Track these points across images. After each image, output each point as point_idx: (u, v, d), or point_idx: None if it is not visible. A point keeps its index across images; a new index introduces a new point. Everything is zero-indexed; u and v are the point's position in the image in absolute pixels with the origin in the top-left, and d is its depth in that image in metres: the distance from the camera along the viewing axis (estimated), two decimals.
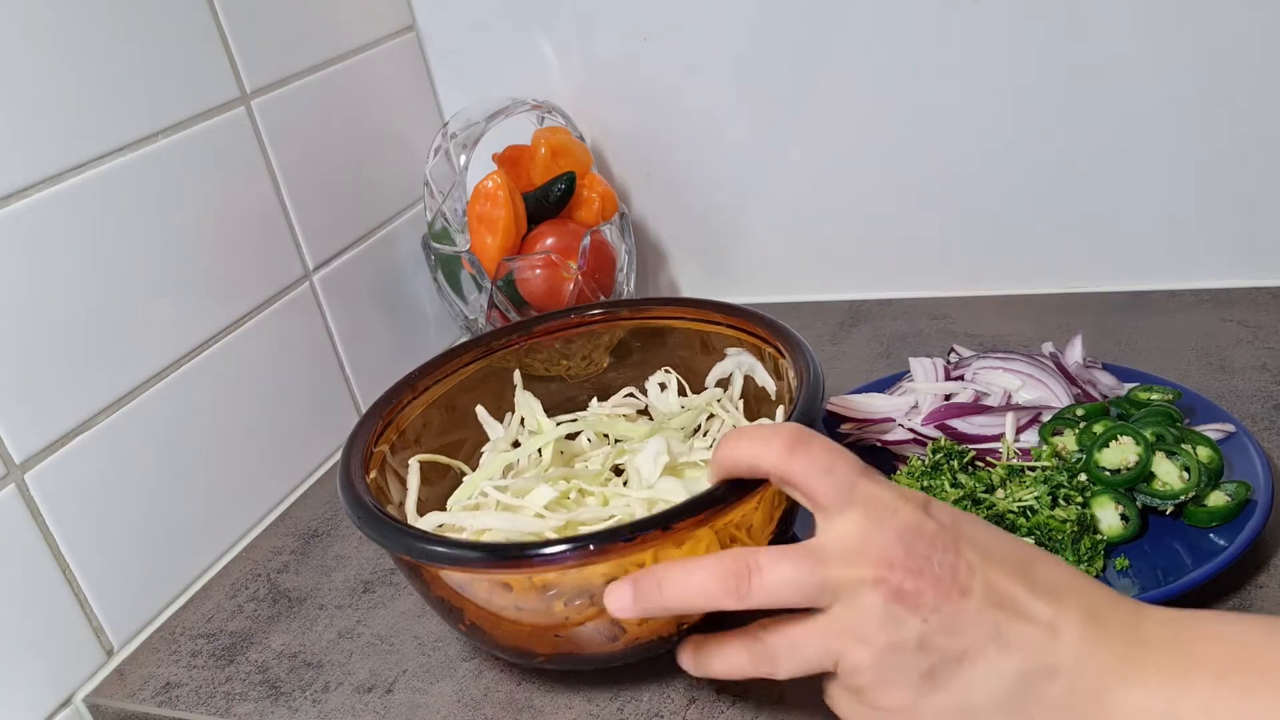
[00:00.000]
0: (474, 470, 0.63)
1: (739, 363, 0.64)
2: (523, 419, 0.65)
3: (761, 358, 0.62)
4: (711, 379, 0.66)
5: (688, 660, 0.47)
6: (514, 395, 0.67)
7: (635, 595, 0.43)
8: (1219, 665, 0.37)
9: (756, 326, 0.61)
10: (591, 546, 0.44)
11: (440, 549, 0.47)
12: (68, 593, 0.61)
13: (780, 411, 0.60)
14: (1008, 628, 0.38)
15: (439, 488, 0.62)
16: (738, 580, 0.41)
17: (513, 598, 0.48)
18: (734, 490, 0.45)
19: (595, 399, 0.69)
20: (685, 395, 0.66)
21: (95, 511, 0.62)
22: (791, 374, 0.57)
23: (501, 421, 0.66)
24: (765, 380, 0.62)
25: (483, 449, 0.65)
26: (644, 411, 0.68)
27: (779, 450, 0.41)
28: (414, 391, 0.62)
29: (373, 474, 0.55)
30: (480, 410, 0.65)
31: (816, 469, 0.41)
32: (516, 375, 0.66)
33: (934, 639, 0.39)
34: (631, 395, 0.68)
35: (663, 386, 0.67)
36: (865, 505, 0.40)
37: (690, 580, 0.42)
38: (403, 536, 0.48)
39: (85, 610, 0.62)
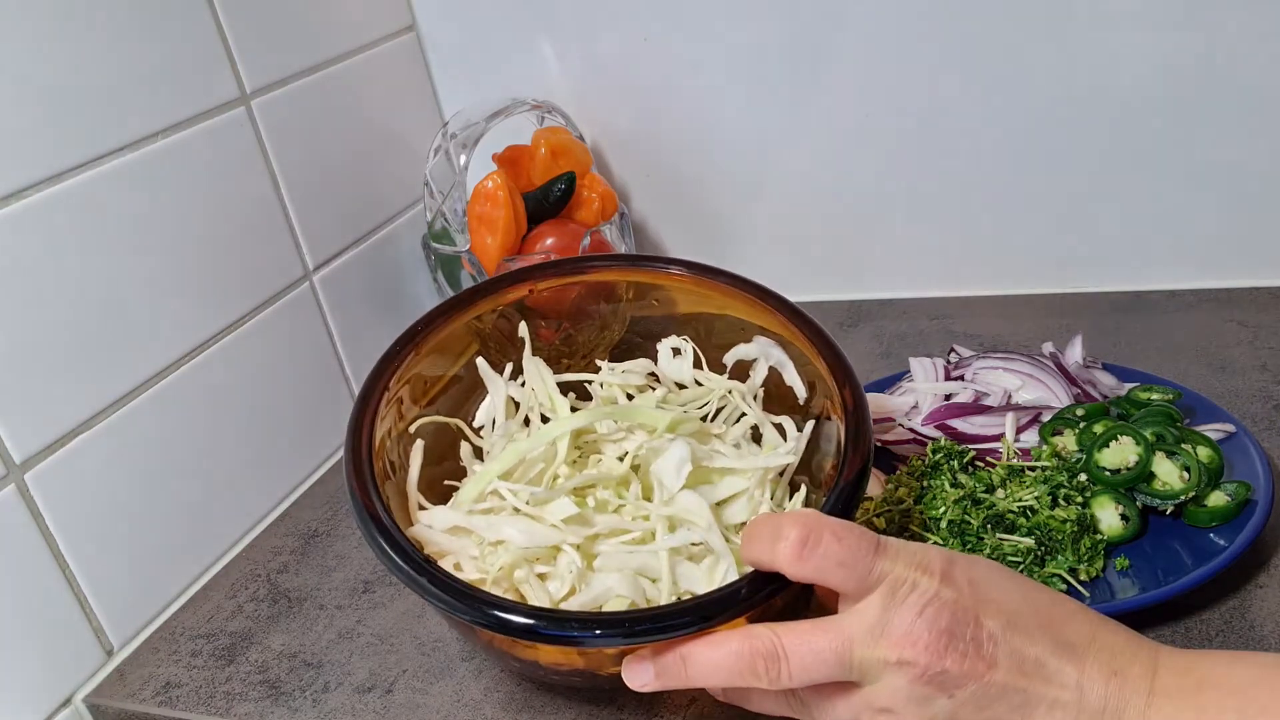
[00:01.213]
0: (469, 425, 0.60)
1: (766, 352, 0.60)
2: (532, 390, 0.61)
3: (795, 359, 0.58)
4: (731, 358, 0.61)
5: (718, 690, 0.47)
6: (514, 356, 0.62)
7: (658, 673, 0.43)
8: (1229, 717, 0.38)
9: (808, 335, 0.56)
10: (620, 636, 0.43)
11: (466, 608, 0.45)
12: (68, 593, 0.61)
13: (810, 427, 0.56)
14: (1034, 695, 0.39)
15: (430, 435, 0.58)
16: (767, 665, 0.41)
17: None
18: (770, 583, 0.44)
19: (606, 359, 0.64)
20: (700, 368, 0.62)
21: (95, 511, 0.62)
22: (834, 399, 0.53)
23: (500, 373, 0.61)
24: (795, 382, 0.59)
25: (479, 407, 0.61)
26: (654, 374, 0.63)
27: (788, 556, 0.42)
28: (418, 350, 0.59)
29: (380, 431, 0.53)
30: (480, 362, 0.61)
31: (829, 565, 0.41)
32: (523, 328, 0.61)
33: (962, 713, 0.40)
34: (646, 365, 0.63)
35: (676, 351, 0.62)
36: (884, 586, 0.41)
37: (717, 660, 0.42)
38: (427, 582, 0.46)
39: (85, 610, 0.62)
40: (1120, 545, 0.54)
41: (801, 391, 0.59)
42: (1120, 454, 0.55)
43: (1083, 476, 0.56)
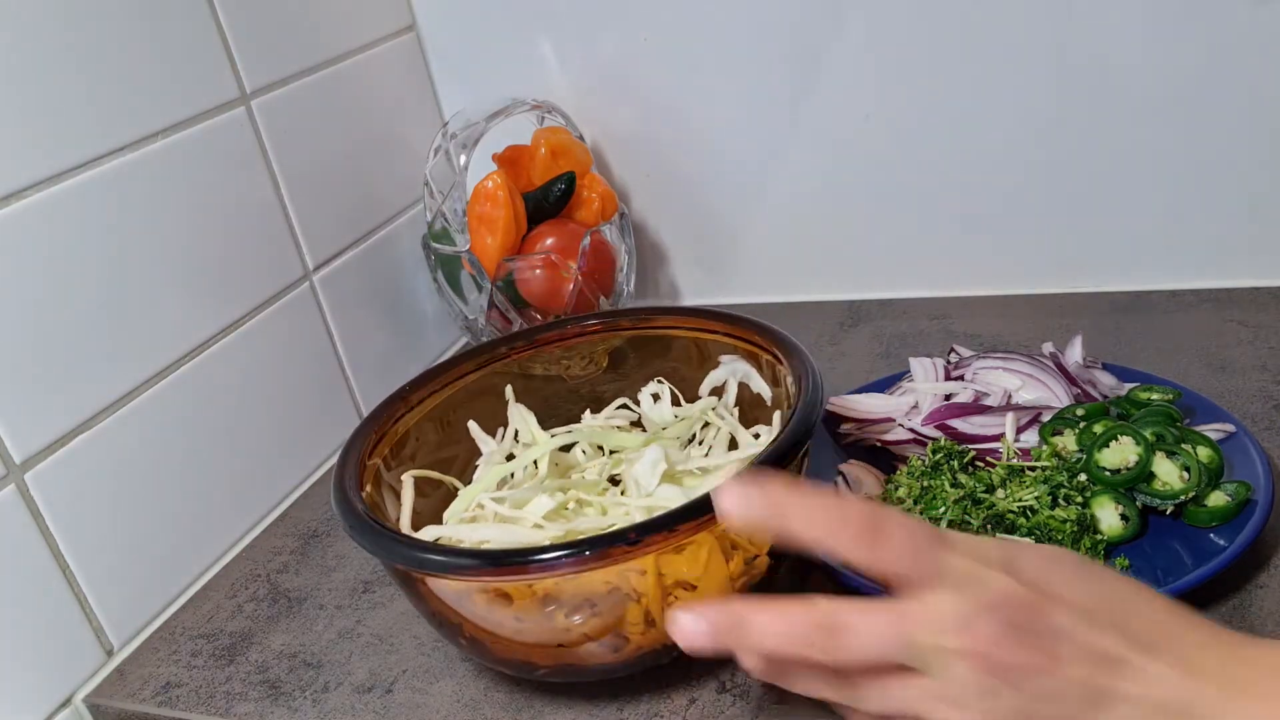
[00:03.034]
0: (467, 485, 0.63)
1: (733, 370, 0.64)
2: (516, 432, 0.65)
3: (758, 365, 0.62)
4: (705, 387, 0.65)
5: (758, 665, 0.46)
6: (507, 408, 0.66)
7: (712, 632, 0.42)
8: None
9: (753, 334, 0.61)
10: (589, 552, 0.44)
11: (436, 557, 0.46)
12: (68, 593, 0.61)
13: (778, 417, 0.59)
14: (1107, 689, 0.39)
15: (433, 500, 0.61)
16: (828, 635, 0.40)
17: (513, 611, 0.48)
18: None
19: (588, 410, 0.68)
20: (679, 405, 0.66)
21: (95, 511, 0.62)
22: (790, 380, 0.56)
23: (494, 435, 0.65)
24: (761, 387, 0.62)
25: (476, 463, 0.64)
26: (637, 423, 0.67)
27: (855, 544, 0.40)
28: (407, 404, 0.61)
29: (367, 488, 0.55)
30: (472, 425, 0.64)
31: (894, 557, 0.40)
32: (509, 390, 0.65)
33: (1032, 708, 0.39)
34: (625, 407, 0.67)
35: (655, 397, 0.66)
36: (952, 582, 0.40)
37: (775, 627, 0.41)
38: (398, 545, 0.48)
39: (85, 610, 0.62)
40: (1120, 545, 0.54)
41: (767, 393, 0.61)
42: (1120, 454, 0.55)
43: (1083, 476, 0.56)
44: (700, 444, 0.63)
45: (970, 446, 0.60)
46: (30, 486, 0.59)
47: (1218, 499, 0.54)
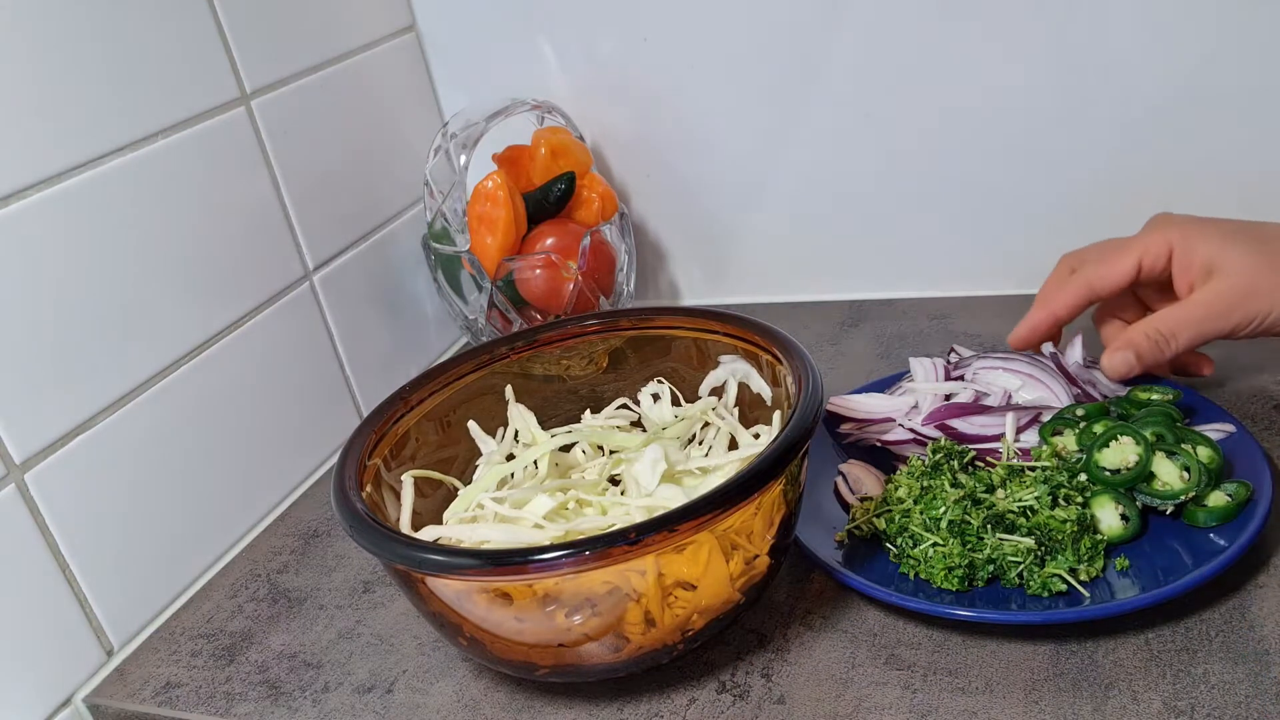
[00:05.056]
0: (467, 485, 0.63)
1: (733, 370, 0.64)
2: (516, 432, 0.64)
3: (757, 365, 0.62)
4: (705, 387, 0.65)
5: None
6: (507, 408, 0.66)
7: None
8: None
9: (753, 334, 0.61)
10: (589, 552, 0.44)
11: (436, 557, 0.46)
12: (68, 593, 0.61)
13: (778, 418, 0.59)
14: None
15: (433, 500, 0.61)
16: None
17: (513, 611, 0.48)
18: (738, 490, 0.46)
19: (588, 410, 0.68)
20: (679, 405, 0.65)
21: (95, 511, 0.62)
22: (790, 380, 0.56)
23: (494, 435, 0.65)
24: (761, 387, 0.62)
25: (477, 463, 0.64)
26: (637, 423, 0.67)
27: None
28: (407, 404, 0.61)
29: (367, 489, 0.55)
30: (472, 424, 0.64)
31: None
32: (509, 391, 0.65)
33: None
34: (625, 407, 0.67)
35: (655, 397, 0.66)
36: None
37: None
38: (398, 545, 0.48)
39: (85, 610, 0.62)
40: (1120, 545, 0.54)
41: (767, 393, 0.61)
42: (1120, 454, 0.55)
43: (1083, 476, 0.56)
44: (700, 444, 0.63)
45: (970, 446, 0.60)
46: (30, 486, 0.59)
47: (1218, 499, 0.54)
